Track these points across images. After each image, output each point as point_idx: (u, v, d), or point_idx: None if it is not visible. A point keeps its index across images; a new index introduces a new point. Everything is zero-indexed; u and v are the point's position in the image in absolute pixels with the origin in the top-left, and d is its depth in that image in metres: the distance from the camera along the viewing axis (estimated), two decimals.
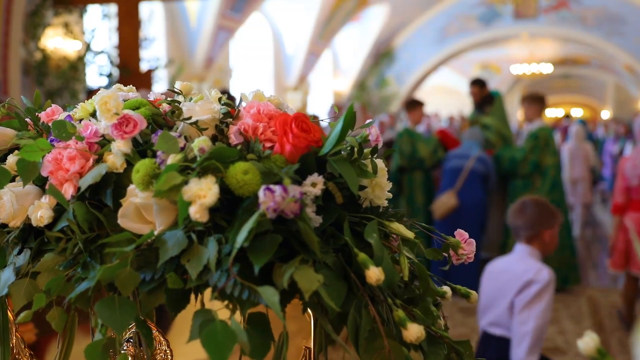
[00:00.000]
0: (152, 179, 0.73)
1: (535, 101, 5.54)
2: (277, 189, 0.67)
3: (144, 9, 5.34)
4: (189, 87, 0.93)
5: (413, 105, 6.00)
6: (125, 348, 0.88)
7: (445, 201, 5.28)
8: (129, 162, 0.79)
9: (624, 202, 4.59)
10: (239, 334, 0.64)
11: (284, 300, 0.73)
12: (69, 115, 0.87)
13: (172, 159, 0.74)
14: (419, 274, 0.86)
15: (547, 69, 18.44)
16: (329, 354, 0.82)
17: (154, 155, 0.76)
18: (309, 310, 0.78)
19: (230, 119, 0.85)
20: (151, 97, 0.94)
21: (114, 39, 5.00)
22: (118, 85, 0.96)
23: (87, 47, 5.84)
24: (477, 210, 5.38)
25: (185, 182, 0.69)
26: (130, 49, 4.50)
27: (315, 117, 0.95)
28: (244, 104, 0.86)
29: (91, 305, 0.76)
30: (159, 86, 6.66)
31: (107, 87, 5.24)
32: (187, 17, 9.25)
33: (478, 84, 6.28)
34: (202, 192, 0.68)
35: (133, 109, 0.84)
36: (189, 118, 0.82)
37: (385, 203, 0.86)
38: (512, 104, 19.01)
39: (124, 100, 0.87)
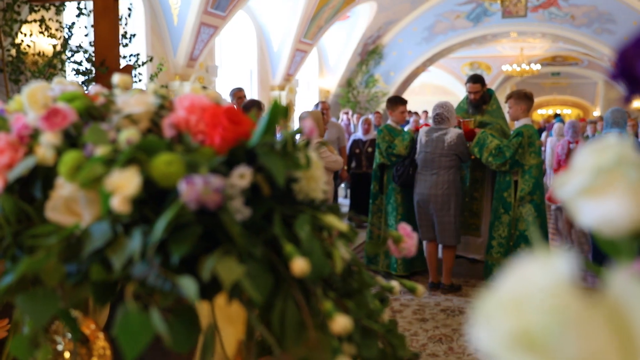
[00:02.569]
0: (79, 171, 0.73)
1: (522, 99, 5.43)
2: (197, 180, 0.67)
3: (122, 5, 5.31)
4: (128, 81, 0.92)
5: (395, 102, 5.98)
6: (62, 343, 0.88)
7: None
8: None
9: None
10: (158, 326, 0.65)
11: (212, 292, 0.73)
12: (2, 109, 0.86)
13: (101, 150, 0.74)
14: (355, 267, 0.87)
15: (537, 67, 18.56)
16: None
17: None
18: None
19: (165, 112, 0.85)
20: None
21: (92, 35, 4.97)
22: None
23: (65, 44, 5.81)
24: None
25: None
26: (108, 45, 4.47)
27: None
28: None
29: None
30: (140, 84, 6.65)
31: (85, 84, 5.20)
32: (169, 13, 9.20)
33: (481, 82, 5.97)
34: (124, 183, 0.68)
35: (68, 102, 0.84)
36: (122, 111, 0.82)
37: (321, 196, 0.86)
38: (502, 102, 19.03)
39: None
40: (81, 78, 5.69)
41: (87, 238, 0.72)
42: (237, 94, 6.60)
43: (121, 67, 4.87)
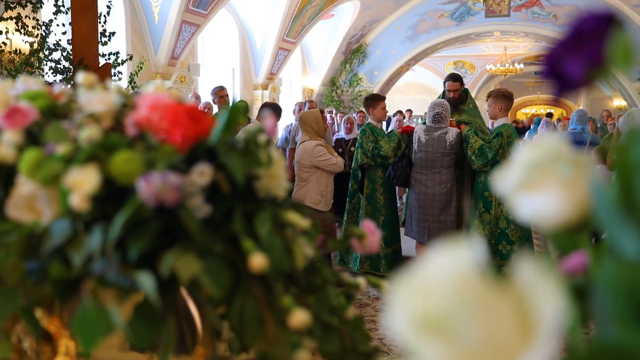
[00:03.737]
0: (39, 168, 0.74)
1: (500, 98, 5.44)
2: (155, 177, 0.68)
3: (101, 3, 5.27)
4: (90, 80, 0.93)
5: (374, 100, 5.97)
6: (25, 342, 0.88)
7: None
8: None
9: None
10: (116, 321, 0.66)
11: (171, 288, 0.74)
12: None
13: (61, 148, 0.75)
14: (318, 263, 0.88)
15: (520, 66, 18.72)
16: None
17: None
18: None
19: (129, 111, 0.85)
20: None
21: (70, 33, 4.93)
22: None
23: (42, 42, 5.76)
24: None
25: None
26: (87, 43, 4.44)
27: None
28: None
29: None
30: (120, 83, 6.61)
31: (64, 82, 5.17)
32: (150, 11, 9.16)
33: (460, 81, 5.98)
34: (83, 181, 0.69)
35: (30, 100, 0.84)
36: (84, 109, 0.83)
37: (283, 193, 0.87)
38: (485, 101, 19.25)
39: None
40: (59, 77, 5.65)
41: (47, 235, 0.72)
42: (219, 92, 6.58)
43: (100, 65, 4.85)
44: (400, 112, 14.08)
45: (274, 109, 5.80)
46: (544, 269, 0.29)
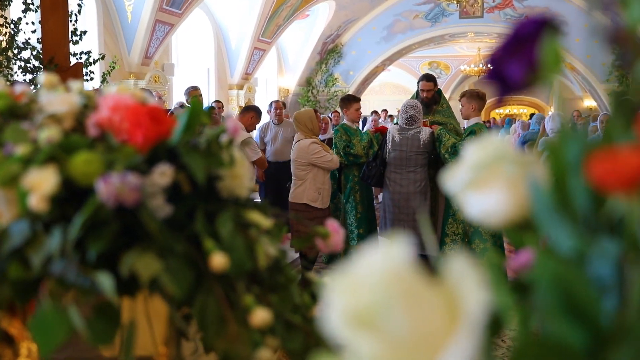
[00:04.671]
0: None
1: (473, 98, 5.50)
2: (114, 178, 0.68)
3: (72, 1, 5.21)
4: (52, 80, 0.92)
5: (348, 101, 5.99)
6: None
7: None
8: None
9: None
10: (75, 321, 0.66)
11: (134, 288, 0.74)
12: None
13: (20, 149, 0.75)
14: (282, 262, 0.89)
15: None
16: None
17: None
18: None
19: (91, 112, 0.85)
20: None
21: (40, 32, 4.86)
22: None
23: (11, 41, 5.67)
24: None
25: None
26: (57, 42, 4.38)
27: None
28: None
29: None
30: (92, 82, 6.54)
31: (33, 82, 5.08)
32: (122, 10, 9.06)
33: (433, 81, 6.00)
34: (42, 182, 0.69)
35: None
36: (45, 110, 0.82)
37: (246, 193, 0.88)
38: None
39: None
40: (29, 76, 5.57)
41: (6, 237, 0.72)
42: (193, 92, 6.55)
43: (71, 65, 4.79)
44: (375, 112, 14.15)
45: (256, 111, 5.79)
46: (470, 264, 0.30)
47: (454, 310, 0.31)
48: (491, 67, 0.46)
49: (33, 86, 4.11)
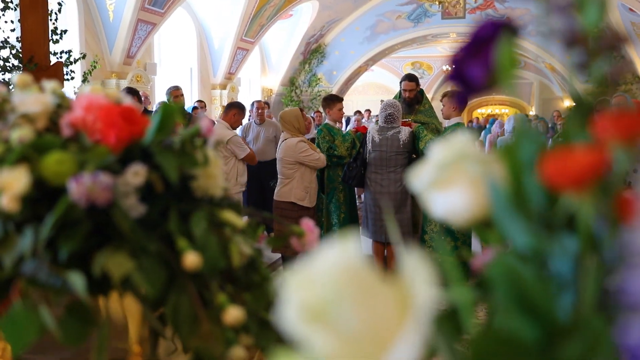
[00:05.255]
0: None
1: (454, 98, 5.54)
2: (85, 178, 0.68)
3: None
4: (25, 80, 0.92)
5: (331, 100, 6.00)
6: None
7: None
8: None
9: None
10: (46, 321, 0.66)
11: (107, 288, 0.75)
12: None
13: None
14: (257, 261, 0.90)
15: None
16: None
17: None
18: None
19: (65, 112, 0.85)
20: None
21: (19, 30, 4.81)
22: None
23: None
24: None
25: None
26: (37, 41, 4.34)
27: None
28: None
29: None
30: (73, 82, 6.48)
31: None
32: (104, 9, 8.99)
33: (415, 81, 6.03)
34: (13, 182, 0.69)
35: None
36: (18, 110, 0.82)
37: (220, 192, 0.88)
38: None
39: None
40: (8, 75, 5.50)
41: None
42: (174, 92, 6.52)
43: (51, 64, 4.75)
44: (359, 112, 14.18)
45: (239, 108, 5.76)
46: (422, 260, 0.31)
47: (408, 305, 0.31)
48: (454, 69, 0.47)
49: (12, 86, 4.05)
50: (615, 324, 0.28)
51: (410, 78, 6.04)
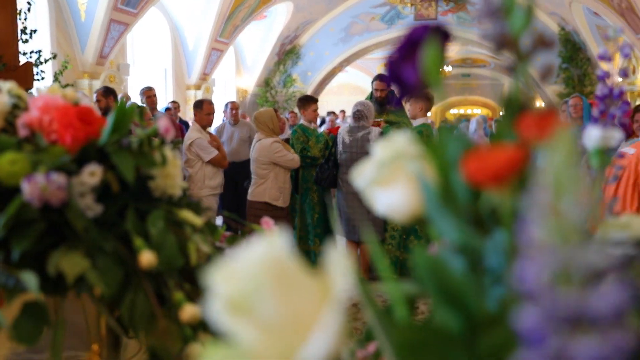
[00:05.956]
0: None
1: (421, 98, 5.62)
2: (39, 178, 0.69)
3: None
4: None
5: (306, 101, 6.04)
6: None
7: None
8: None
9: None
10: (0, 320, 0.66)
11: (62, 288, 0.75)
12: None
13: None
14: (216, 259, 0.91)
15: (449, 69, 19.24)
16: None
17: None
18: None
19: (20, 112, 0.85)
20: None
21: None
22: None
23: None
24: None
25: None
26: (5, 41, 4.28)
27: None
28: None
29: None
30: (43, 82, 6.40)
31: None
32: (75, 8, 8.88)
33: (387, 80, 6.22)
34: None
35: None
36: None
37: (179, 192, 0.89)
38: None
39: None
40: None
41: None
42: (147, 92, 6.50)
43: (21, 64, 4.68)
44: (332, 112, 14.22)
45: (200, 107, 5.73)
46: (342, 255, 0.33)
47: (329, 297, 0.33)
48: (389, 70, 0.49)
49: None
50: (514, 311, 0.30)
51: (381, 78, 6.09)
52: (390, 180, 0.54)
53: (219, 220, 5.76)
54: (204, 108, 5.49)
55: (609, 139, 0.64)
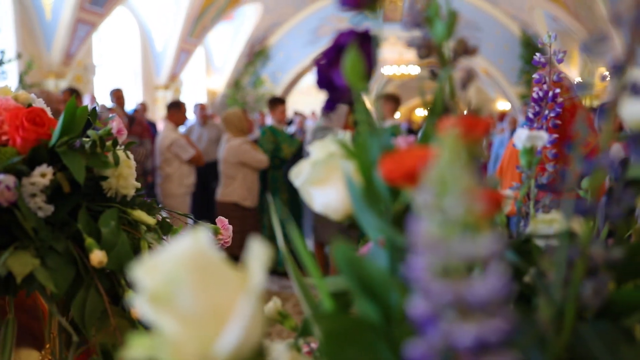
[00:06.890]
0: None
1: (389, 101, 5.70)
2: None
3: None
4: None
5: (274, 103, 6.08)
6: None
7: None
8: None
9: None
10: None
11: (12, 287, 0.76)
12: None
13: None
14: None
15: (415, 70, 19.38)
16: None
17: None
18: None
19: None
20: None
21: None
22: None
23: None
24: None
25: None
26: None
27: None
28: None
29: None
30: (6, 82, 6.29)
31: None
32: (40, 7, 8.74)
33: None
34: None
35: None
36: None
37: (132, 192, 0.91)
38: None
39: None
40: None
41: None
42: (116, 94, 6.46)
43: None
44: (299, 113, 14.26)
45: (177, 106, 5.72)
46: (262, 249, 0.35)
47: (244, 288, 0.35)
48: (319, 75, 0.51)
49: None
50: (407, 299, 0.33)
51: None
52: (326, 180, 0.57)
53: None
54: (182, 108, 5.53)
55: (536, 139, 0.68)
